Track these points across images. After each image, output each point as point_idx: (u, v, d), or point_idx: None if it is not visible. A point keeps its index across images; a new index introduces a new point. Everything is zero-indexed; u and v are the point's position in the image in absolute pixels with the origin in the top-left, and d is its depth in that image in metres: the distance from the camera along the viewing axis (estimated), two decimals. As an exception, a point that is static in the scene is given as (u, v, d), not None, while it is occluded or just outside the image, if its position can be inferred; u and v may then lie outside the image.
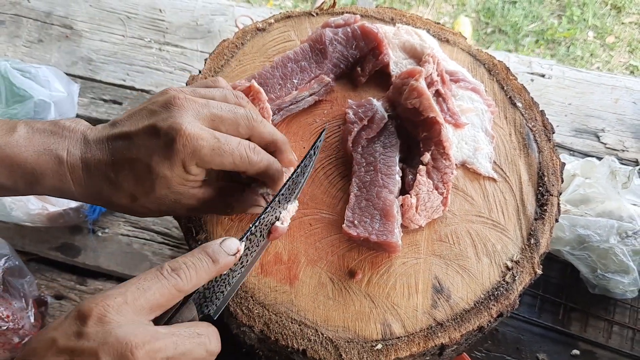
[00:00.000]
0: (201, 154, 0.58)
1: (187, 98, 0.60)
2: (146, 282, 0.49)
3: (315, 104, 0.81)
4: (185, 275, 0.51)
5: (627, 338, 1.03)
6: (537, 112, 0.81)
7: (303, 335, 0.66)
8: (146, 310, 0.48)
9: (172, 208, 0.63)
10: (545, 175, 0.76)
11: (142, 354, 0.45)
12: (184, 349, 0.48)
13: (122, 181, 0.59)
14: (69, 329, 0.46)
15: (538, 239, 0.72)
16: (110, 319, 0.46)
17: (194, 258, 0.53)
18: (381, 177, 0.71)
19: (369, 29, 0.80)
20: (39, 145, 0.58)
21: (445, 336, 0.66)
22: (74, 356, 0.44)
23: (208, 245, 0.54)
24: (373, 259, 0.70)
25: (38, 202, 1.05)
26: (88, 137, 0.60)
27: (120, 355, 0.44)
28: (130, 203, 0.61)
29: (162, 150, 0.57)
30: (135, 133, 0.59)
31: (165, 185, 0.59)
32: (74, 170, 0.59)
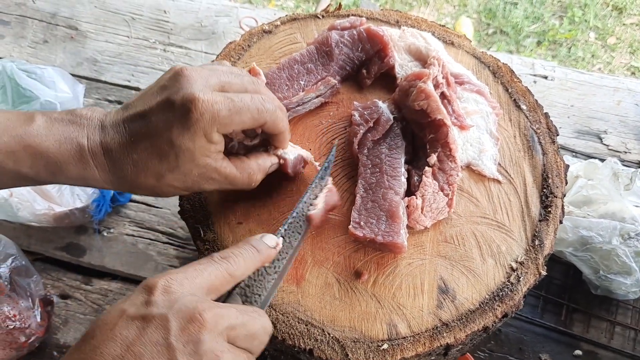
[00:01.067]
0: (220, 117, 0.58)
1: (193, 69, 0.61)
2: (202, 265, 0.52)
3: (322, 106, 0.82)
4: (234, 261, 0.54)
5: (629, 339, 1.03)
6: (542, 114, 0.82)
7: (310, 335, 0.66)
8: (204, 290, 0.51)
9: (197, 182, 0.63)
10: (549, 177, 0.77)
11: (210, 316, 0.47)
12: (244, 320, 0.50)
13: (145, 160, 0.60)
14: (136, 299, 0.48)
15: (542, 241, 0.72)
16: (174, 289, 0.48)
17: (240, 248, 0.56)
18: (387, 179, 0.72)
19: (374, 31, 0.81)
20: (59, 134, 0.59)
21: (450, 336, 0.67)
22: (145, 322, 0.46)
23: (250, 238, 0.58)
24: (379, 260, 0.71)
25: (44, 203, 1.06)
26: (104, 123, 0.61)
27: (189, 319, 0.46)
28: (157, 182, 0.61)
29: (180, 122, 0.58)
30: (150, 110, 0.59)
31: (189, 158, 0.59)
32: (96, 156, 0.60)
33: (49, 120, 0.60)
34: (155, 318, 0.46)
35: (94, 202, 1.11)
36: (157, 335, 0.45)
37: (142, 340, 0.45)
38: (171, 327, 0.46)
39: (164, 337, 0.45)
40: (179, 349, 0.45)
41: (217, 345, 0.47)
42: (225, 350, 0.47)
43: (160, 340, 0.45)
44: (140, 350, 0.45)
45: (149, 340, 0.45)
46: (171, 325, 0.46)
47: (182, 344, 0.45)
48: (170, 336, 0.45)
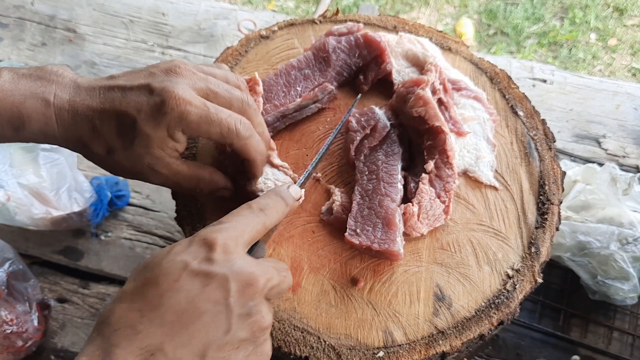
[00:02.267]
0: (188, 119, 0.59)
1: (187, 69, 0.62)
2: (246, 219, 0.55)
3: (319, 112, 0.82)
4: (270, 213, 0.57)
5: (626, 344, 1.03)
6: (539, 120, 0.82)
7: (306, 342, 0.66)
8: (247, 244, 0.54)
9: (144, 173, 0.64)
10: (546, 184, 0.77)
11: (263, 282, 0.50)
12: (279, 281, 0.53)
13: (104, 131, 0.60)
14: (198, 254, 0.50)
15: (539, 248, 0.72)
16: (232, 249, 0.51)
17: (273, 200, 0.59)
18: (383, 186, 0.72)
19: (371, 37, 0.81)
20: (25, 89, 0.59)
21: (446, 344, 0.66)
22: (208, 279, 0.48)
23: (279, 189, 0.60)
24: (375, 267, 0.71)
25: (41, 207, 1.06)
26: (79, 83, 0.62)
27: (247, 283, 0.49)
28: (106, 154, 0.62)
29: (151, 110, 0.59)
30: (130, 88, 0.60)
31: (145, 144, 0.60)
32: (60, 112, 0.60)
33: (16, 76, 0.60)
34: (217, 277, 0.48)
35: (92, 205, 1.11)
36: (218, 294, 0.48)
37: (205, 296, 0.48)
38: (231, 288, 0.48)
39: (224, 297, 0.48)
40: (236, 310, 0.48)
41: (263, 309, 0.50)
42: (268, 313, 0.51)
43: (221, 299, 0.48)
44: (203, 307, 0.47)
45: (211, 298, 0.48)
46: (231, 287, 0.48)
47: (239, 306, 0.48)
48: (230, 297, 0.48)
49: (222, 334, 0.48)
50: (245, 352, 0.49)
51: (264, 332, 0.50)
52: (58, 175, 1.09)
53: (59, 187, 1.08)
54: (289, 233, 0.73)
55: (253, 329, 0.49)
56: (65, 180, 1.10)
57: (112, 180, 1.17)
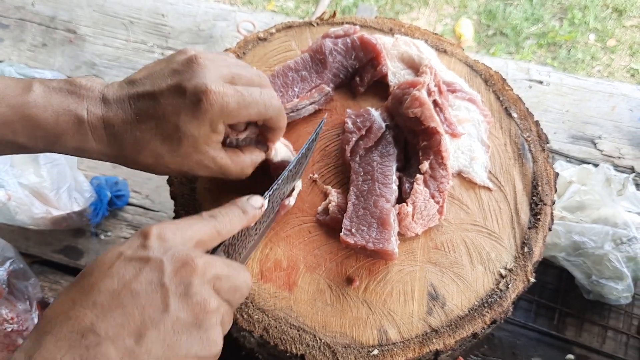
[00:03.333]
0: (229, 109, 0.60)
1: (207, 57, 0.62)
2: (192, 220, 0.55)
3: (315, 113, 0.83)
4: (222, 220, 0.56)
5: (621, 343, 1.04)
6: (532, 122, 0.83)
7: (301, 340, 0.67)
8: (193, 242, 0.53)
9: (193, 169, 0.65)
10: (539, 184, 0.78)
11: (201, 263, 0.50)
12: (229, 272, 0.52)
13: (148, 140, 0.61)
14: (132, 243, 0.50)
15: (531, 248, 0.73)
16: (168, 237, 0.51)
17: (227, 209, 0.58)
18: (378, 186, 0.73)
19: (367, 40, 0.82)
20: (57, 105, 0.59)
21: (439, 342, 0.67)
22: (141, 262, 0.48)
23: (237, 200, 0.60)
24: (370, 266, 0.72)
25: (42, 206, 1.07)
26: (107, 96, 0.61)
27: (182, 263, 0.49)
28: (154, 162, 0.63)
29: (190, 110, 0.59)
30: (160, 92, 0.60)
31: (191, 143, 0.61)
32: (96, 129, 0.60)
33: (47, 90, 0.60)
34: (151, 260, 0.48)
35: (92, 205, 1.12)
36: (152, 275, 0.48)
37: (139, 279, 0.47)
38: (165, 269, 0.48)
39: (158, 278, 0.48)
40: (172, 289, 0.48)
41: (205, 291, 0.49)
42: (212, 296, 0.50)
43: (155, 280, 0.48)
44: (136, 288, 0.47)
45: (145, 279, 0.47)
46: (165, 268, 0.48)
47: (175, 285, 0.48)
48: (164, 277, 0.48)
49: (159, 312, 0.47)
50: (188, 337, 0.47)
51: (209, 316, 0.49)
52: (58, 175, 1.10)
53: (59, 186, 1.10)
54: (285, 233, 0.74)
55: (195, 310, 0.48)
56: (66, 180, 1.11)
57: (112, 180, 1.18)
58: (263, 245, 0.73)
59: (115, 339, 0.44)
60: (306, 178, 0.78)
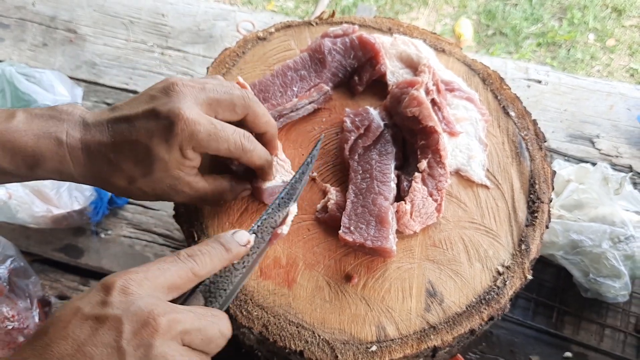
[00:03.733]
0: (198, 138, 0.61)
1: (184, 84, 0.63)
2: (165, 264, 0.52)
3: (314, 112, 0.83)
4: (200, 260, 0.54)
5: (618, 341, 1.05)
6: (530, 121, 0.84)
7: (300, 336, 0.68)
8: (165, 289, 0.51)
9: (167, 193, 0.65)
10: (536, 182, 0.78)
11: (164, 321, 0.47)
12: (200, 325, 0.50)
13: (121, 162, 0.62)
14: (92, 298, 0.48)
15: (529, 245, 0.74)
16: (132, 290, 0.48)
17: (209, 246, 0.56)
18: (377, 185, 0.73)
19: (366, 39, 0.82)
20: (37, 129, 0.61)
21: (437, 339, 0.68)
22: (98, 322, 0.46)
23: (221, 235, 0.57)
24: (369, 264, 0.72)
25: (42, 205, 1.07)
26: (87, 120, 0.63)
27: (143, 323, 0.46)
28: (128, 185, 0.64)
29: (162, 133, 0.60)
30: (135, 116, 0.61)
31: (162, 167, 0.62)
32: (74, 151, 0.62)
33: (29, 117, 0.61)
34: (108, 319, 0.46)
35: (92, 204, 1.13)
36: (108, 337, 0.46)
37: (94, 341, 0.45)
38: (124, 329, 0.46)
39: (115, 340, 0.45)
40: (130, 352, 0.45)
41: (168, 350, 0.47)
42: (176, 355, 0.47)
43: (112, 342, 0.45)
44: (91, 351, 0.45)
45: (100, 342, 0.45)
46: (124, 328, 0.46)
47: (133, 348, 0.45)
48: (122, 339, 0.45)
49: None
50: None
51: None
52: (59, 174, 1.11)
53: (60, 185, 1.10)
54: (284, 230, 0.74)
55: None
56: (66, 179, 1.11)
57: (112, 179, 1.18)
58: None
59: None
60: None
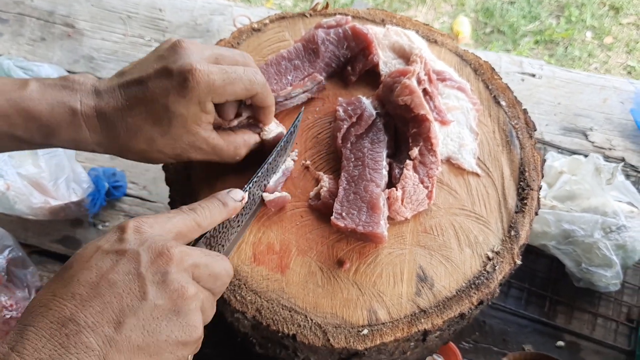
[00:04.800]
0: (215, 86, 0.62)
1: (189, 41, 0.65)
2: (171, 214, 0.56)
3: (308, 101, 0.84)
4: (202, 212, 0.58)
5: (610, 330, 1.06)
6: (520, 110, 0.85)
7: (293, 321, 0.69)
8: (172, 234, 0.54)
9: (186, 150, 0.67)
10: (526, 170, 0.79)
11: (177, 252, 0.51)
12: (207, 261, 0.53)
13: (139, 124, 0.63)
14: (110, 237, 0.52)
15: (518, 231, 0.75)
16: (145, 230, 0.52)
17: (207, 201, 0.60)
18: (368, 172, 0.74)
19: (359, 30, 0.83)
20: (51, 98, 0.62)
21: (428, 322, 0.69)
22: (118, 255, 0.50)
23: (217, 193, 0.61)
24: (361, 249, 0.73)
25: (40, 196, 1.08)
26: (99, 88, 0.64)
27: (158, 253, 0.50)
28: (147, 147, 0.65)
29: (177, 89, 0.61)
30: (148, 77, 0.62)
31: (181, 123, 0.63)
32: (89, 119, 0.63)
33: (42, 86, 0.63)
34: (127, 252, 0.50)
35: (89, 196, 1.14)
36: (129, 266, 0.49)
37: (116, 269, 0.49)
38: (142, 259, 0.49)
39: (135, 268, 0.49)
40: (148, 277, 0.49)
41: (182, 278, 0.50)
42: (190, 283, 0.51)
43: (132, 270, 0.49)
44: (114, 278, 0.48)
45: (121, 270, 0.49)
46: (142, 258, 0.50)
47: (152, 274, 0.49)
48: (140, 267, 0.49)
49: (137, 300, 0.48)
50: (168, 322, 0.49)
51: (187, 302, 0.50)
52: (56, 166, 1.12)
53: (57, 177, 1.11)
54: (278, 217, 0.75)
55: (172, 296, 0.49)
56: (64, 171, 1.12)
57: (110, 171, 1.20)
58: (256, 229, 0.74)
59: (94, 327, 0.46)
60: (299, 165, 0.79)
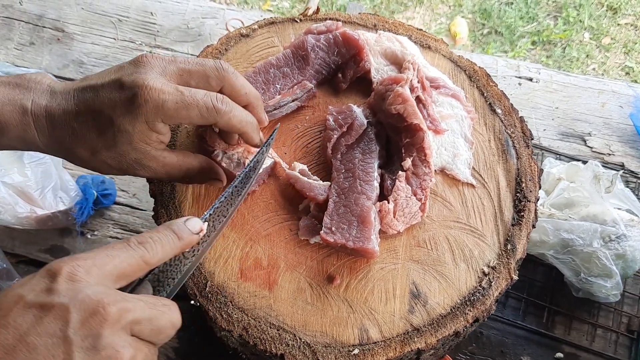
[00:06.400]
0: (164, 107, 0.59)
1: (154, 56, 0.62)
2: (114, 251, 0.49)
3: (298, 110, 0.82)
4: (151, 247, 0.51)
5: (610, 341, 1.03)
6: (517, 118, 0.82)
7: (281, 339, 0.67)
8: (113, 277, 0.48)
9: (133, 168, 0.63)
10: (523, 181, 0.77)
11: (114, 310, 0.44)
12: (150, 315, 0.48)
13: (84, 132, 0.61)
14: (37, 285, 0.45)
15: (515, 245, 0.72)
16: (80, 277, 0.45)
17: (160, 234, 0.53)
18: (359, 184, 0.72)
19: (350, 35, 0.81)
20: (3, 96, 0.60)
21: (421, 341, 0.67)
22: (43, 311, 0.43)
23: (173, 222, 0.55)
24: (351, 265, 0.71)
25: (26, 206, 1.06)
26: (55, 89, 0.62)
27: (92, 311, 0.44)
28: (91, 156, 0.62)
29: (124, 104, 0.59)
30: (101, 86, 0.60)
31: (126, 140, 0.60)
32: (38, 119, 0.61)
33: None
34: (54, 307, 0.43)
35: (77, 204, 1.11)
36: (54, 326, 0.43)
37: (38, 330, 0.42)
38: (71, 318, 0.43)
39: (61, 329, 0.43)
40: (77, 342, 0.43)
41: (117, 340, 0.44)
42: (126, 345, 0.45)
43: (58, 332, 0.43)
44: (34, 342, 0.42)
45: (45, 331, 0.43)
46: (71, 317, 0.43)
47: (81, 338, 0.43)
48: (68, 328, 0.43)
49: None
50: None
51: None
52: (43, 174, 1.09)
53: (44, 186, 1.08)
54: (266, 231, 0.73)
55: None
56: (51, 179, 1.10)
57: (98, 179, 1.17)
58: (243, 243, 0.72)
59: None
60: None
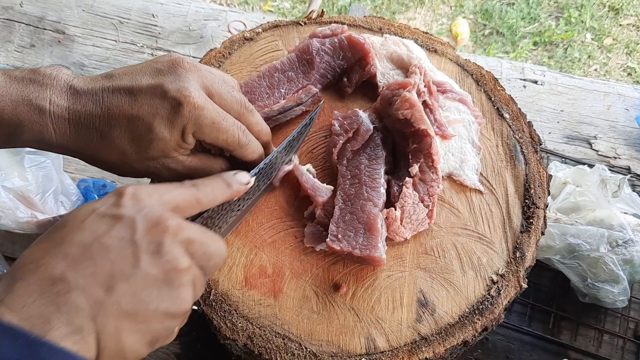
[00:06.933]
0: (202, 124, 0.59)
1: (191, 63, 0.61)
2: (172, 186, 0.54)
3: (302, 115, 0.81)
4: (204, 189, 0.56)
5: (617, 347, 1.02)
6: (525, 123, 0.81)
7: (287, 349, 0.66)
8: (170, 206, 0.52)
9: (158, 171, 0.63)
10: (531, 187, 0.76)
11: (173, 224, 0.49)
12: (202, 238, 0.51)
13: (115, 137, 0.59)
14: (107, 201, 0.50)
15: (524, 252, 0.71)
16: (143, 198, 0.50)
17: (211, 180, 0.58)
18: (366, 190, 0.71)
19: (355, 39, 0.80)
20: (16, 94, 0.57)
21: (429, 350, 0.66)
22: (114, 220, 0.48)
23: (223, 173, 0.60)
24: (358, 272, 0.70)
25: (27, 210, 1.05)
26: (77, 87, 0.59)
27: (154, 223, 0.49)
28: (119, 161, 0.61)
29: (167, 113, 0.58)
30: (139, 89, 0.58)
31: (161, 147, 0.60)
32: (58, 120, 0.58)
33: (8, 79, 0.58)
34: (123, 218, 0.48)
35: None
36: (123, 232, 0.48)
37: (110, 234, 0.47)
38: (137, 227, 0.48)
39: (130, 235, 0.48)
40: (143, 246, 0.47)
41: (176, 250, 0.49)
42: (183, 256, 0.49)
43: (127, 236, 0.47)
44: (108, 242, 0.47)
45: (116, 235, 0.47)
46: (137, 226, 0.48)
47: (146, 242, 0.48)
48: (135, 234, 0.48)
49: (129, 267, 0.47)
50: (158, 292, 0.47)
51: (179, 274, 0.49)
52: (44, 178, 1.08)
53: (45, 190, 1.07)
54: (271, 238, 0.72)
55: (165, 267, 0.48)
56: (52, 184, 1.09)
57: (99, 183, 1.16)
58: (248, 250, 0.71)
59: (84, 288, 0.45)
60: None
